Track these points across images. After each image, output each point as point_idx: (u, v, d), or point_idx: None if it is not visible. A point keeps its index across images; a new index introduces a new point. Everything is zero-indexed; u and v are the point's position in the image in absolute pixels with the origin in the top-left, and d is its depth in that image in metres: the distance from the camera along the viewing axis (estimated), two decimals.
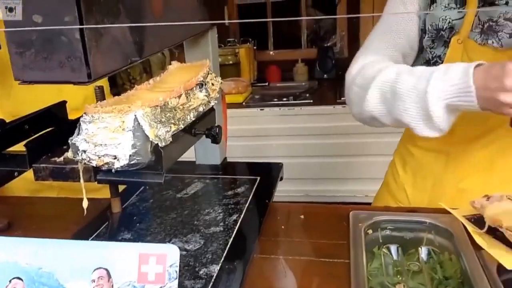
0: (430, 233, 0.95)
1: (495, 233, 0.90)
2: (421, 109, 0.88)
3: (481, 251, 0.86)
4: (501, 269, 0.81)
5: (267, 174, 1.22)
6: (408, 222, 0.97)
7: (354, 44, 3.02)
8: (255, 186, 1.14)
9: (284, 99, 2.63)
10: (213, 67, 1.15)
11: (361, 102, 1.00)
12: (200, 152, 1.30)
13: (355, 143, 2.49)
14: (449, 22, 1.02)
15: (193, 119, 0.92)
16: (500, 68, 0.80)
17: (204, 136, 0.98)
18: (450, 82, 0.85)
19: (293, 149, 2.53)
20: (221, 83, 1.06)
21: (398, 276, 0.87)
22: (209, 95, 1.00)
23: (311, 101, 2.56)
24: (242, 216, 1.01)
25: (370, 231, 0.95)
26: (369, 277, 0.85)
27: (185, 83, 0.93)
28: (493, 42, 0.97)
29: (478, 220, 0.94)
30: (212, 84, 1.02)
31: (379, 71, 0.98)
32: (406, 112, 0.91)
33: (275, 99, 2.65)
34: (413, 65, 1.08)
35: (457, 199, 1.05)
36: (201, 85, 0.98)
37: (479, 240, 0.88)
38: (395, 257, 0.93)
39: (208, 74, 1.02)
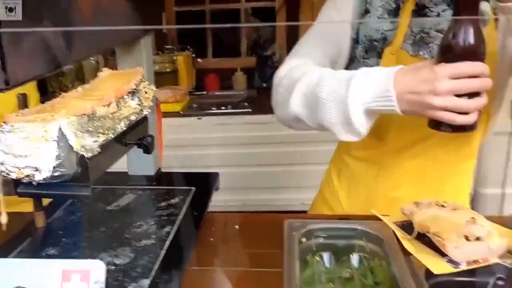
0: (361, 240, 0.96)
1: (423, 238, 0.92)
2: (341, 114, 0.88)
3: (410, 257, 0.88)
4: (428, 273, 0.84)
5: (203, 184, 1.20)
6: (341, 229, 0.98)
7: None
8: (190, 197, 1.12)
9: (223, 108, 2.62)
10: (147, 75, 1.12)
11: (286, 104, 0.99)
12: (132, 163, 1.26)
13: (293, 152, 2.52)
14: (382, 33, 1.04)
15: (124, 128, 0.89)
16: (430, 72, 0.82)
17: (135, 146, 0.95)
18: (369, 87, 0.86)
19: (231, 158, 2.53)
20: (156, 91, 1.04)
21: (330, 284, 0.88)
22: (142, 103, 0.97)
23: (250, 110, 2.58)
24: (175, 227, 0.99)
25: (304, 240, 0.95)
26: (302, 285, 0.85)
27: (116, 91, 0.90)
28: (424, 53, 1.00)
29: (407, 226, 0.96)
30: (145, 93, 1.00)
31: (304, 73, 0.97)
32: (326, 116, 0.90)
33: (214, 108, 2.63)
34: None
35: (389, 208, 1.07)
36: (133, 93, 0.95)
37: (407, 245, 0.91)
38: (327, 264, 0.93)
39: (141, 82, 1.00)
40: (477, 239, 0.88)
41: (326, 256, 0.94)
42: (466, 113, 0.83)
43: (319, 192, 1.32)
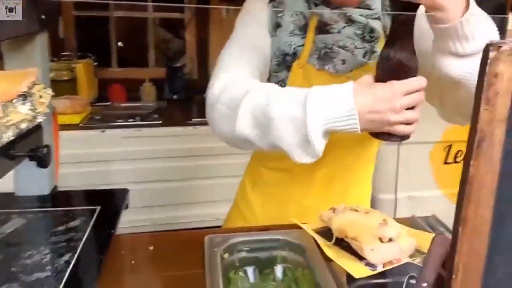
0: (284, 250, 0.97)
1: (341, 243, 0.95)
2: (299, 135, 0.86)
3: (331, 263, 0.90)
4: (349, 277, 0.86)
5: (109, 202, 1.11)
6: (263, 241, 0.98)
7: (204, 65, 3.04)
8: (94, 218, 1.02)
9: (130, 120, 2.47)
10: (43, 78, 1.00)
11: (231, 123, 0.94)
12: (21, 181, 1.11)
13: (206, 165, 2.47)
14: (294, 48, 1.07)
15: (12, 137, 0.78)
16: (387, 91, 0.84)
17: (27, 159, 0.84)
18: (330, 107, 0.85)
19: (139, 174, 2.40)
20: (52, 96, 0.93)
21: None
22: (35, 109, 0.84)
23: (160, 122, 2.47)
24: (76, 255, 0.88)
25: (226, 255, 0.93)
26: None
27: (2, 93, 0.79)
28: (329, 68, 1.04)
29: (326, 233, 0.99)
30: (40, 97, 0.87)
31: (247, 92, 0.93)
32: (281, 137, 0.88)
33: (120, 120, 2.47)
34: None
35: (301, 215, 1.10)
36: (24, 97, 0.83)
37: (328, 252, 0.93)
38: (252, 279, 0.92)
39: (35, 84, 0.87)
40: (390, 240, 0.92)
41: (250, 270, 0.93)
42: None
43: (233, 205, 1.31)
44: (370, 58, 1.05)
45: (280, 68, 1.08)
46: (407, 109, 0.86)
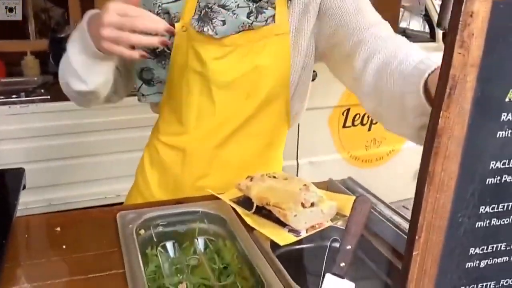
0: (202, 222, 0.91)
1: (261, 211, 0.92)
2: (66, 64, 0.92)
3: (254, 232, 0.87)
4: (273, 245, 0.83)
5: (4, 183, 0.99)
6: (179, 214, 0.91)
7: None
8: None
9: (14, 96, 2.23)
10: None
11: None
12: None
13: (103, 140, 2.30)
14: (159, 6, 0.98)
15: None
16: (103, 7, 0.84)
17: None
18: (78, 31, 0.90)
19: (29, 153, 2.18)
20: None
21: (178, 275, 0.81)
22: None
23: (48, 97, 2.25)
24: None
25: (142, 231, 0.86)
26: (148, 283, 0.76)
27: None
28: (208, 29, 0.95)
29: (245, 202, 0.95)
30: None
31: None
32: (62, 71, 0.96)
33: (2, 97, 2.22)
34: None
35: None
36: None
37: (249, 221, 0.89)
38: (172, 254, 0.86)
39: None
40: (311, 205, 0.91)
41: (169, 245, 0.86)
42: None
43: (134, 181, 1.20)
44: (256, 19, 0.97)
45: None
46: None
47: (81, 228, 0.88)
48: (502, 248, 0.41)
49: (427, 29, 3.06)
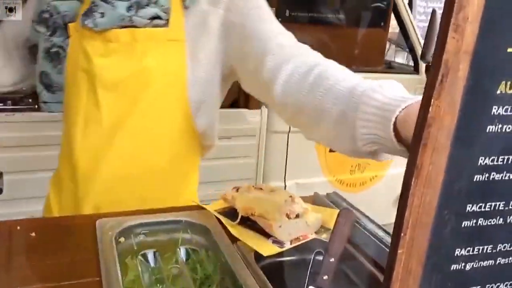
0: (186, 232, 0.89)
1: (246, 222, 0.90)
2: None
3: (238, 243, 0.85)
4: (257, 256, 0.82)
5: None
6: (162, 223, 0.89)
7: None
8: None
9: (0, 104, 2.18)
10: None
11: None
12: None
13: None
14: (48, 4, 0.96)
15: None
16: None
17: None
18: None
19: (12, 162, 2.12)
20: None
21: (158, 285, 0.78)
22: None
23: (36, 106, 2.20)
24: None
25: (122, 239, 0.83)
26: None
27: None
28: (89, 22, 0.93)
29: (230, 213, 0.93)
30: None
31: None
32: None
33: None
34: None
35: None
36: None
37: (233, 231, 0.87)
38: (152, 264, 0.83)
39: None
40: (297, 216, 0.90)
41: (150, 254, 0.84)
42: None
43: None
44: (137, 13, 0.94)
45: (58, 32, 0.98)
46: None
47: (57, 234, 0.85)
48: (488, 251, 0.39)
49: (411, 63, 3.13)
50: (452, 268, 0.39)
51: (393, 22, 2.72)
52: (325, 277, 0.79)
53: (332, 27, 2.38)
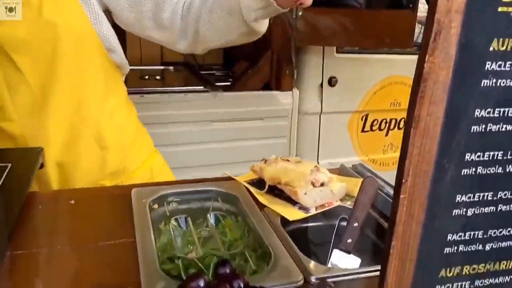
0: (216, 201, 0.94)
1: (274, 191, 0.95)
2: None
3: (265, 209, 0.89)
4: (284, 221, 0.86)
5: (21, 160, 1.02)
6: (193, 192, 0.95)
7: None
8: (4, 175, 0.92)
9: None
10: None
11: None
12: None
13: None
14: None
15: None
16: None
17: None
18: None
19: None
20: None
21: (189, 246, 0.84)
22: None
23: None
24: None
25: (156, 206, 0.89)
26: (158, 253, 0.79)
27: None
28: None
29: (258, 183, 0.98)
30: None
31: None
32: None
33: None
34: None
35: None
36: None
37: (261, 199, 0.92)
38: (184, 228, 0.89)
39: None
40: (321, 185, 0.93)
41: (181, 219, 0.90)
42: None
43: None
44: None
45: None
46: None
47: (95, 202, 0.92)
48: (489, 198, 0.42)
49: None
50: (454, 213, 0.42)
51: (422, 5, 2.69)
52: (349, 241, 0.83)
53: (359, 10, 2.37)
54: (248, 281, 0.62)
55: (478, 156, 0.41)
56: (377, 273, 0.44)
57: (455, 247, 0.43)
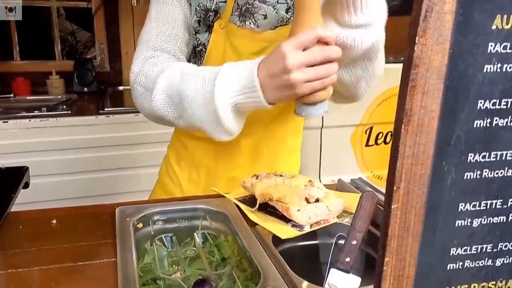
0: (205, 219, 0.88)
1: (266, 209, 0.89)
2: (210, 113, 0.82)
3: (256, 227, 0.83)
4: (276, 240, 0.80)
5: (3, 179, 0.98)
6: (181, 211, 0.89)
7: (115, 56, 2.87)
8: None
9: (36, 111, 2.27)
10: None
11: (149, 104, 0.91)
12: None
13: (121, 155, 2.30)
14: (216, 3, 0.99)
15: None
16: (277, 51, 0.77)
17: None
18: (235, 80, 0.81)
19: (49, 166, 2.19)
20: None
21: (174, 266, 0.78)
22: None
23: (69, 112, 2.28)
24: None
25: (140, 225, 0.83)
26: (141, 273, 0.73)
27: None
28: (250, 23, 0.98)
29: (249, 200, 0.92)
30: None
31: (161, 71, 0.90)
32: (195, 116, 0.85)
33: (24, 112, 2.25)
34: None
35: (229, 188, 1.02)
36: None
37: (252, 217, 0.86)
38: (169, 248, 0.83)
39: None
40: (316, 201, 0.87)
41: (167, 239, 0.83)
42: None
43: (157, 182, 1.20)
44: (294, 14, 0.98)
45: (202, 28, 1.00)
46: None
47: (78, 221, 0.86)
48: (497, 206, 0.36)
49: None
50: (457, 224, 0.36)
51: None
52: (348, 259, 0.76)
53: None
54: None
55: (483, 157, 0.35)
56: None
57: (460, 263, 0.37)
